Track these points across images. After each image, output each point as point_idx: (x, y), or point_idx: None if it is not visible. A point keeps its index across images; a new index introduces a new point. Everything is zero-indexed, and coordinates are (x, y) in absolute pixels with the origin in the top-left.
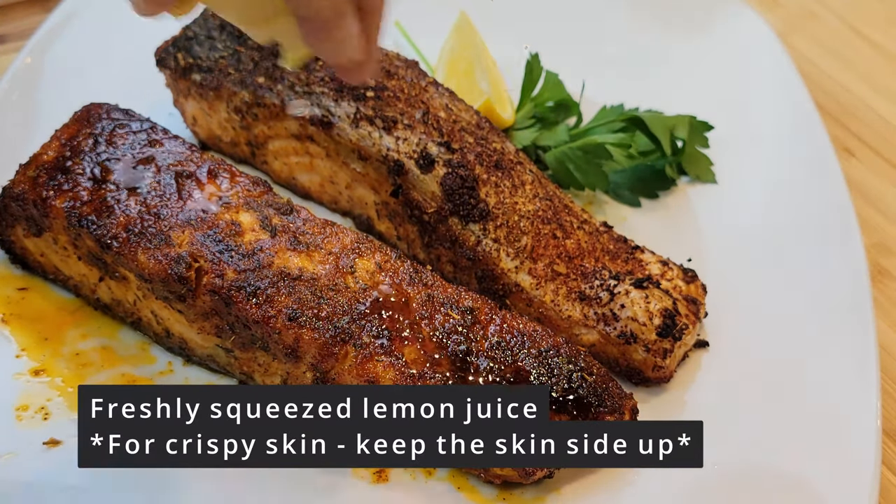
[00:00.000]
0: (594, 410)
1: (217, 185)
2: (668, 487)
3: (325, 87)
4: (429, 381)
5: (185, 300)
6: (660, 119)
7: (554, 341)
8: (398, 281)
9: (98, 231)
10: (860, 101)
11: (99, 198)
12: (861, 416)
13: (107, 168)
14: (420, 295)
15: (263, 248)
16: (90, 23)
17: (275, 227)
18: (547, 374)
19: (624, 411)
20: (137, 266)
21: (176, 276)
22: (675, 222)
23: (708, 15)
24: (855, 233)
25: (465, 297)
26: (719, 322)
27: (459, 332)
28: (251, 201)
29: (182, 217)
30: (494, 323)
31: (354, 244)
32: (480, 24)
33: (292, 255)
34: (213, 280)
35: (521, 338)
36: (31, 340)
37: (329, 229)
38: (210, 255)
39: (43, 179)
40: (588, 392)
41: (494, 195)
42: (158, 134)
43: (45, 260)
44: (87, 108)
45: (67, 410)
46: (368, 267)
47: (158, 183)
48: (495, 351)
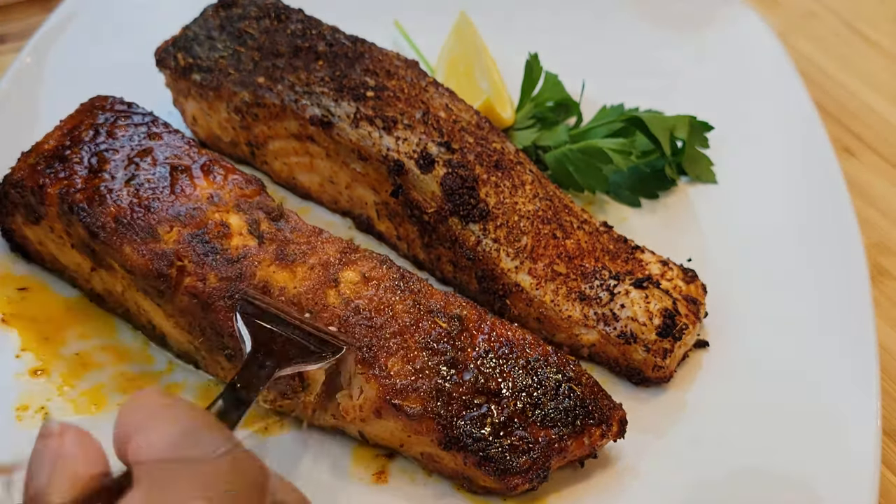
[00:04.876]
0: (581, 422)
1: (211, 181)
2: (669, 487)
3: (325, 87)
4: (411, 394)
5: (164, 296)
6: (660, 119)
7: (543, 350)
8: (384, 290)
9: (87, 219)
10: (860, 101)
11: (92, 186)
12: (861, 416)
13: (103, 158)
14: (406, 303)
15: (249, 256)
16: (90, 23)
17: (262, 234)
18: (534, 384)
19: (612, 423)
20: (122, 257)
21: (158, 272)
22: (675, 222)
23: (708, 15)
24: (855, 233)
25: (454, 305)
26: (719, 322)
27: (446, 341)
28: (242, 202)
29: (172, 212)
30: (482, 332)
31: (340, 254)
32: (480, 24)
33: (276, 270)
34: (195, 283)
35: (510, 347)
36: (31, 340)
37: (315, 238)
38: (195, 256)
39: (41, 167)
40: (576, 403)
41: (494, 195)
42: (159, 127)
43: (44, 249)
44: (92, 100)
45: (67, 410)
46: (353, 278)
47: (153, 176)
48: (482, 360)
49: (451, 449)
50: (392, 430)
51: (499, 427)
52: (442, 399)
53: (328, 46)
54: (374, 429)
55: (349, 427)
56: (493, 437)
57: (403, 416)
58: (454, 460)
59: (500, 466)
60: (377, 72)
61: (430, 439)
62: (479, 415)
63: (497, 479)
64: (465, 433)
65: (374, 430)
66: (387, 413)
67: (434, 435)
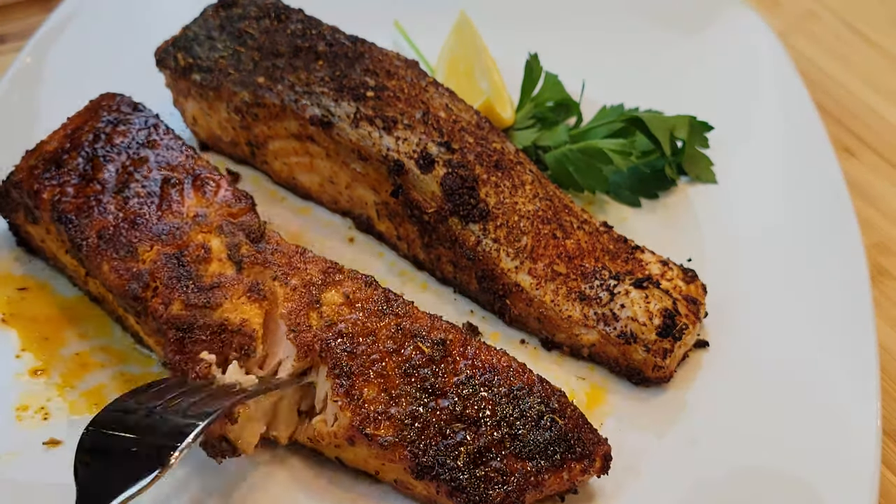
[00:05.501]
0: (560, 456)
1: (200, 196)
2: (669, 487)
3: (325, 87)
4: (384, 422)
5: (140, 316)
6: (660, 119)
7: (528, 379)
8: (367, 313)
9: (72, 231)
10: (860, 101)
11: (83, 195)
12: (861, 416)
13: (99, 165)
14: (390, 328)
15: (221, 286)
16: (90, 23)
17: (242, 259)
18: (515, 413)
19: (595, 458)
20: (101, 275)
21: (132, 294)
22: (675, 222)
23: (708, 15)
24: (855, 233)
25: (438, 328)
26: (719, 322)
27: (426, 366)
28: (225, 224)
29: (155, 230)
30: (466, 357)
31: (322, 275)
32: (480, 24)
33: (245, 303)
34: (157, 306)
35: (493, 374)
36: (31, 340)
37: (298, 259)
38: (167, 279)
39: (38, 171)
40: (557, 436)
41: (494, 195)
42: (160, 134)
43: (46, 246)
44: (101, 97)
45: (67, 411)
46: (336, 300)
47: (143, 189)
48: (462, 387)
49: (423, 478)
50: (366, 458)
51: (474, 457)
52: (416, 426)
53: (328, 46)
54: (349, 454)
55: (326, 450)
56: (467, 468)
57: (375, 445)
58: (427, 489)
59: (473, 498)
60: (377, 72)
61: (402, 467)
62: (454, 443)
63: None
64: (438, 462)
65: (349, 455)
66: (359, 441)
67: (406, 463)
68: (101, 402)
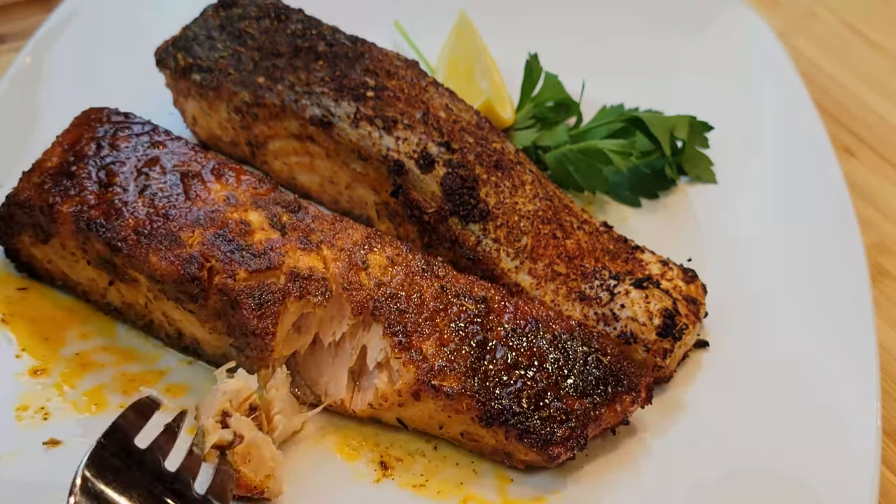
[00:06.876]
0: (611, 390)
1: (223, 183)
2: (669, 487)
3: (325, 87)
4: (448, 374)
5: (198, 300)
6: (660, 119)
7: (567, 325)
8: (412, 274)
9: (107, 234)
10: (860, 101)
11: (106, 201)
12: (861, 416)
13: (112, 171)
14: (434, 287)
15: (274, 248)
16: (90, 23)
17: (284, 226)
18: (563, 358)
19: (640, 389)
20: (149, 267)
21: (189, 276)
22: (675, 222)
23: (708, 15)
24: (855, 233)
25: (477, 287)
26: (719, 322)
27: (475, 322)
28: (258, 199)
29: (191, 217)
30: (507, 311)
31: (365, 239)
32: (480, 24)
33: (303, 256)
34: (225, 280)
35: (535, 323)
36: (31, 340)
37: (339, 225)
38: (221, 254)
39: (49, 185)
40: (605, 373)
41: (494, 195)
42: (161, 135)
43: (53, 266)
44: (87, 112)
45: (67, 410)
46: (381, 262)
47: (165, 184)
48: (511, 338)
49: (491, 425)
50: (431, 412)
51: (535, 400)
52: (478, 377)
53: (328, 46)
54: (412, 413)
55: (386, 414)
56: (531, 410)
57: (442, 397)
58: (494, 437)
59: (542, 437)
60: (377, 72)
61: (469, 417)
62: (515, 390)
63: (539, 451)
64: (504, 408)
65: (412, 414)
66: (425, 395)
67: (474, 412)
68: (102, 402)
